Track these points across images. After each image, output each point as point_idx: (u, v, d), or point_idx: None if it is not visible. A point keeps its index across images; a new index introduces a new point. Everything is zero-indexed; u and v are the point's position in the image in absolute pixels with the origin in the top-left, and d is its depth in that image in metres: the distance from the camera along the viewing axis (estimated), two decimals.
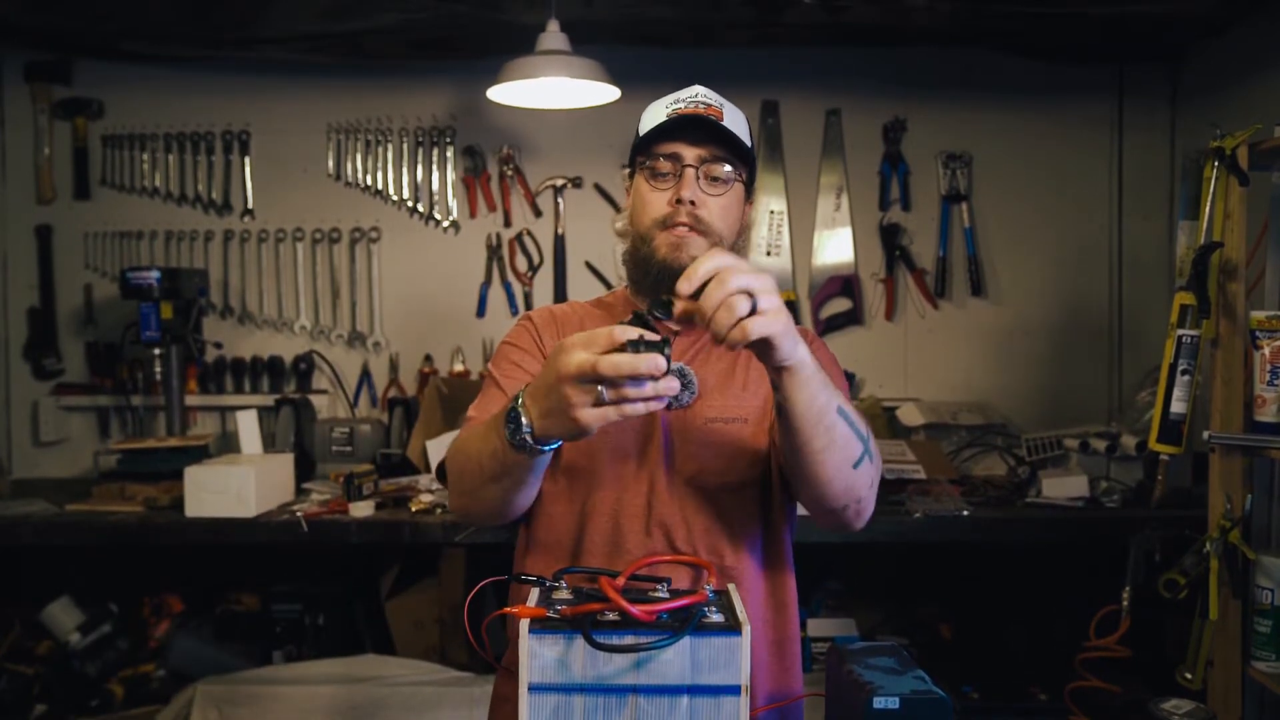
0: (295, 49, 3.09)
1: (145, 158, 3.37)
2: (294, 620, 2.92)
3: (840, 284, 3.35)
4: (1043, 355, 3.34)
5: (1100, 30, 2.99)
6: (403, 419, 3.08)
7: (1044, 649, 2.78)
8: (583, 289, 3.32)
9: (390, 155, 3.36)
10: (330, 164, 3.37)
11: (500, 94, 2.77)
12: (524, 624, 1.06)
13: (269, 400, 3.21)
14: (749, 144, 1.42)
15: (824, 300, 3.35)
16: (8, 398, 3.38)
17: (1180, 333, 1.95)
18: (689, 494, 1.37)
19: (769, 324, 1.06)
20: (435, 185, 3.37)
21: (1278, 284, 2.07)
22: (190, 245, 3.36)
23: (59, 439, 3.36)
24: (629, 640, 1.03)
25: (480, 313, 3.37)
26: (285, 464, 2.76)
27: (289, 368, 3.36)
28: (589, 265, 3.35)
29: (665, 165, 1.39)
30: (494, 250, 3.37)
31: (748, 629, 1.05)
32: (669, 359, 1.01)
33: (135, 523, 2.55)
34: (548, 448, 1.14)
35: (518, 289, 3.37)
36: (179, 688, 2.70)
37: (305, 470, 2.95)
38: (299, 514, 2.52)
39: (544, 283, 3.37)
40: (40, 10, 2.85)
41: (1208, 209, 1.97)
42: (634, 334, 1.01)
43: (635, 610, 1.05)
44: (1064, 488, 2.64)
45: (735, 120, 1.41)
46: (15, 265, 3.39)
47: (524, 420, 1.11)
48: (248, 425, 2.81)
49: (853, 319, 3.35)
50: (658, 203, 1.39)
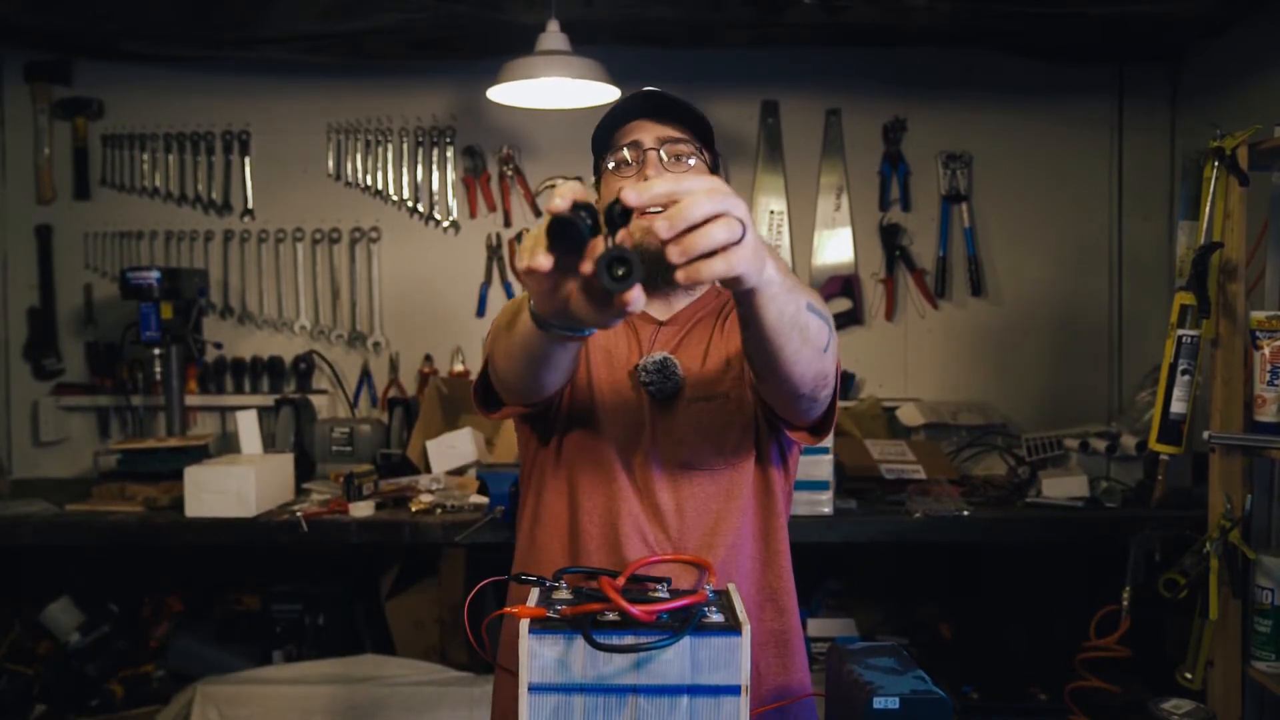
0: (295, 49, 3.09)
1: (145, 158, 3.37)
2: (294, 620, 2.92)
3: (840, 284, 3.35)
4: (1043, 355, 3.34)
5: (1100, 30, 2.99)
6: (403, 419, 3.08)
7: (1044, 649, 2.78)
8: None
9: (390, 155, 3.36)
10: (330, 164, 3.37)
11: (500, 94, 2.77)
12: (524, 624, 1.06)
13: (269, 400, 3.21)
14: (710, 132, 1.41)
15: (824, 300, 3.34)
16: (8, 398, 3.38)
17: (1180, 333, 1.95)
18: (682, 478, 1.38)
19: (748, 259, 0.93)
20: (435, 185, 3.37)
21: (1278, 284, 2.07)
22: (190, 245, 3.36)
23: (59, 439, 3.35)
24: (629, 640, 1.03)
25: (480, 313, 3.36)
26: (285, 464, 2.76)
27: (289, 368, 3.36)
28: None
29: (628, 154, 1.39)
30: (494, 250, 3.37)
31: (748, 629, 1.05)
32: (584, 227, 0.89)
33: (135, 523, 2.54)
34: (546, 324, 1.06)
35: (518, 289, 3.37)
36: (179, 688, 2.70)
37: (305, 470, 2.95)
38: (299, 514, 2.52)
39: None
40: (40, 10, 2.85)
41: (1208, 209, 1.97)
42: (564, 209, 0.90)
43: (635, 610, 1.05)
44: (1064, 488, 2.64)
45: (693, 109, 1.40)
46: (15, 265, 3.39)
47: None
48: (248, 425, 2.81)
49: (853, 319, 3.35)
50: None
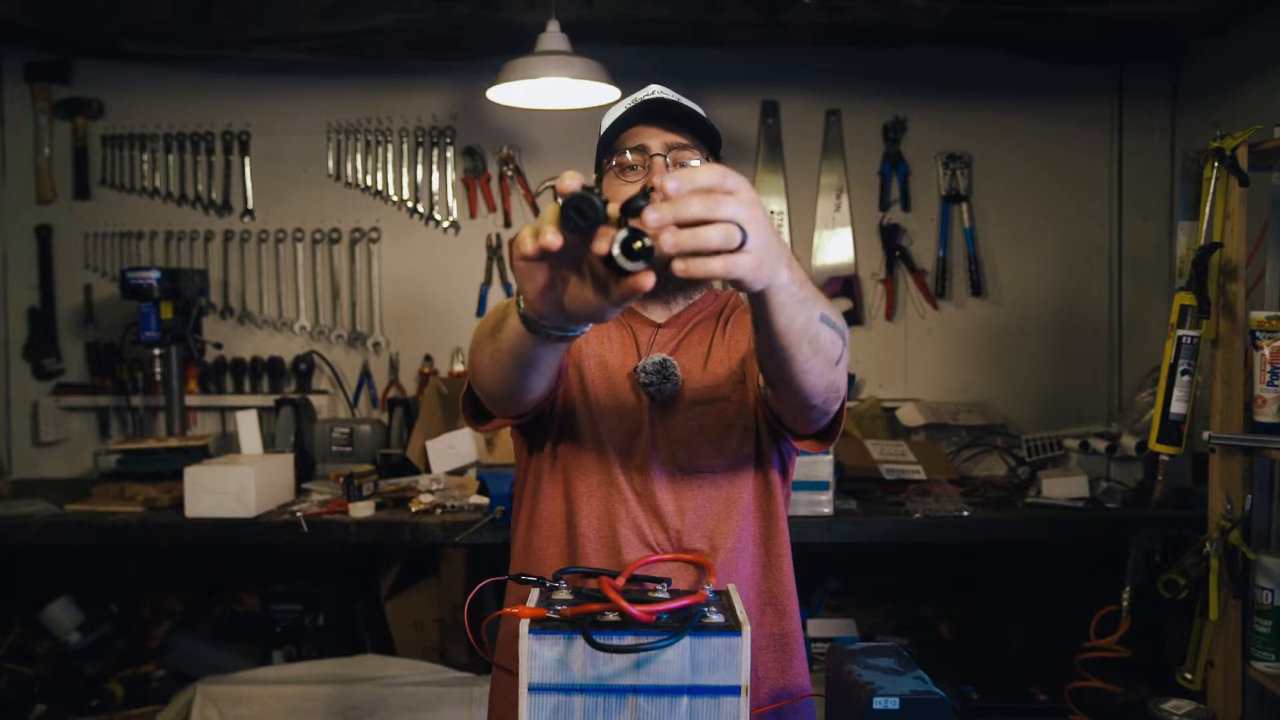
0: (295, 49, 3.09)
1: (145, 158, 3.37)
2: (294, 620, 2.92)
3: (840, 284, 3.35)
4: (1043, 355, 3.34)
5: (1100, 30, 2.99)
6: (403, 419, 3.08)
7: (1044, 649, 2.78)
8: None
9: (390, 155, 3.36)
10: (330, 164, 3.37)
11: (500, 94, 2.77)
12: (524, 624, 1.06)
13: (269, 400, 3.21)
14: (717, 135, 1.41)
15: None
16: (8, 398, 3.38)
17: (1180, 333, 1.95)
18: (681, 481, 1.37)
19: (747, 267, 0.91)
20: (435, 185, 3.37)
21: (1278, 284, 2.07)
22: (190, 245, 3.36)
23: (59, 439, 3.36)
24: (629, 640, 1.03)
25: (480, 313, 3.36)
26: (285, 464, 2.76)
27: (289, 368, 3.36)
28: None
29: (633, 158, 1.37)
30: (494, 250, 3.37)
31: (748, 629, 1.05)
32: (595, 208, 0.88)
33: (135, 523, 2.54)
34: (533, 323, 1.06)
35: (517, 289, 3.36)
36: (179, 688, 2.71)
37: (305, 470, 2.95)
38: (299, 514, 2.52)
39: None
40: (40, 10, 2.85)
41: (1208, 209, 1.97)
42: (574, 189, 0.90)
43: (635, 610, 1.05)
44: (1064, 488, 2.64)
45: (697, 111, 1.40)
46: (15, 265, 3.39)
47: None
48: (248, 425, 2.81)
49: (853, 319, 3.35)
50: (627, 194, 1.36)
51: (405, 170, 3.37)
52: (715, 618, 1.08)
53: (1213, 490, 2.01)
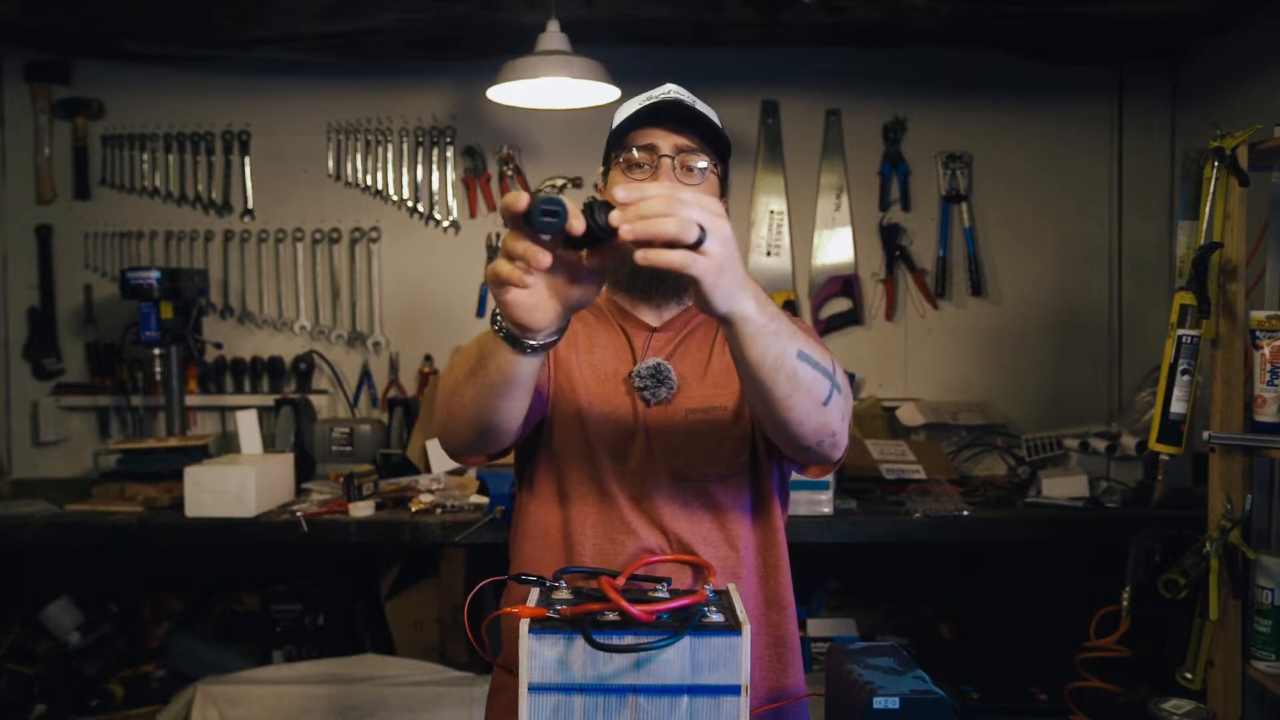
0: (295, 49, 3.09)
1: (145, 158, 3.37)
2: (294, 620, 2.92)
3: (840, 284, 3.35)
4: (1043, 355, 3.34)
5: (1100, 30, 2.99)
6: (403, 419, 3.08)
7: (1044, 649, 2.78)
8: None
9: (390, 155, 3.36)
10: (330, 164, 3.37)
11: (500, 94, 2.77)
12: (524, 624, 1.06)
13: (269, 400, 3.21)
14: (726, 140, 1.41)
15: (824, 300, 3.35)
16: (8, 398, 3.38)
17: (1180, 333, 1.95)
18: (676, 489, 1.37)
19: (704, 268, 0.97)
20: (435, 185, 3.37)
21: (1278, 284, 2.07)
22: (190, 245, 3.36)
23: (59, 439, 3.36)
24: (629, 640, 1.03)
25: (480, 313, 3.36)
26: (285, 464, 2.76)
27: (289, 368, 3.35)
28: None
29: (641, 156, 1.37)
30: (494, 250, 3.37)
31: (748, 629, 1.05)
32: (541, 213, 0.99)
33: (135, 523, 2.54)
34: (517, 342, 1.10)
35: None
36: (179, 688, 2.71)
37: (305, 470, 2.95)
38: (299, 514, 2.52)
39: None
40: (40, 10, 2.85)
41: (1208, 209, 1.97)
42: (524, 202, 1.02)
43: (635, 610, 1.05)
44: (1064, 488, 2.64)
45: (708, 112, 1.41)
46: (15, 265, 3.39)
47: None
48: (248, 425, 2.81)
49: (853, 319, 3.35)
50: None
51: (405, 170, 3.37)
52: (715, 617, 1.08)
53: (1213, 490, 2.01)
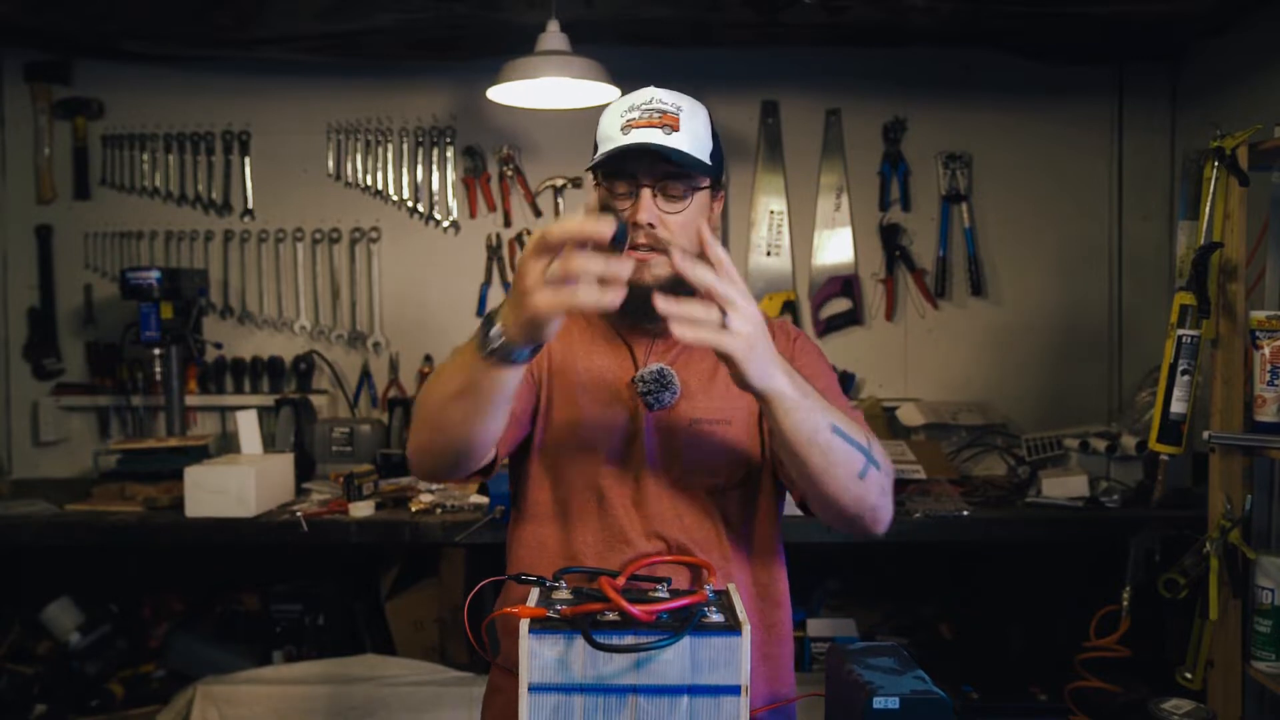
0: (295, 49, 3.09)
1: (145, 158, 3.36)
2: (294, 620, 2.92)
3: (840, 284, 3.35)
4: (1043, 355, 3.34)
5: (1100, 30, 2.99)
6: (403, 419, 3.08)
7: (1044, 649, 2.78)
8: None
9: (390, 155, 3.36)
10: (330, 164, 3.37)
11: (500, 94, 2.77)
12: (524, 624, 1.06)
13: (269, 400, 3.21)
14: (709, 148, 1.38)
15: (824, 300, 3.35)
16: (8, 398, 3.38)
17: (1180, 333, 1.95)
18: (676, 496, 1.37)
19: (731, 343, 1.08)
20: (435, 185, 3.37)
21: (1278, 284, 2.07)
22: (190, 245, 3.36)
23: (59, 439, 3.35)
24: (629, 640, 1.03)
25: (480, 313, 3.36)
26: (285, 464, 2.76)
27: (289, 368, 3.35)
28: None
29: (622, 185, 1.36)
30: (494, 250, 3.37)
31: (748, 629, 1.05)
32: (622, 236, 1.05)
33: (135, 523, 2.54)
34: (516, 355, 1.14)
35: None
36: (179, 688, 2.70)
37: (305, 470, 2.95)
38: (299, 514, 2.52)
39: None
40: (40, 10, 2.85)
41: (1208, 209, 1.97)
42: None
43: (635, 610, 1.05)
44: (1064, 488, 2.64)
45: (694, 123, 1.36)
46: (15, 265, 3.39)
47: (496, 324, 1.13)
48: (248, 425, 2.81)
49: (853, 319, 3.35)
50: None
51: (405, 170, 3.37)
52: (715, 617, 1.08)
53: (1213, 490, 2.01)
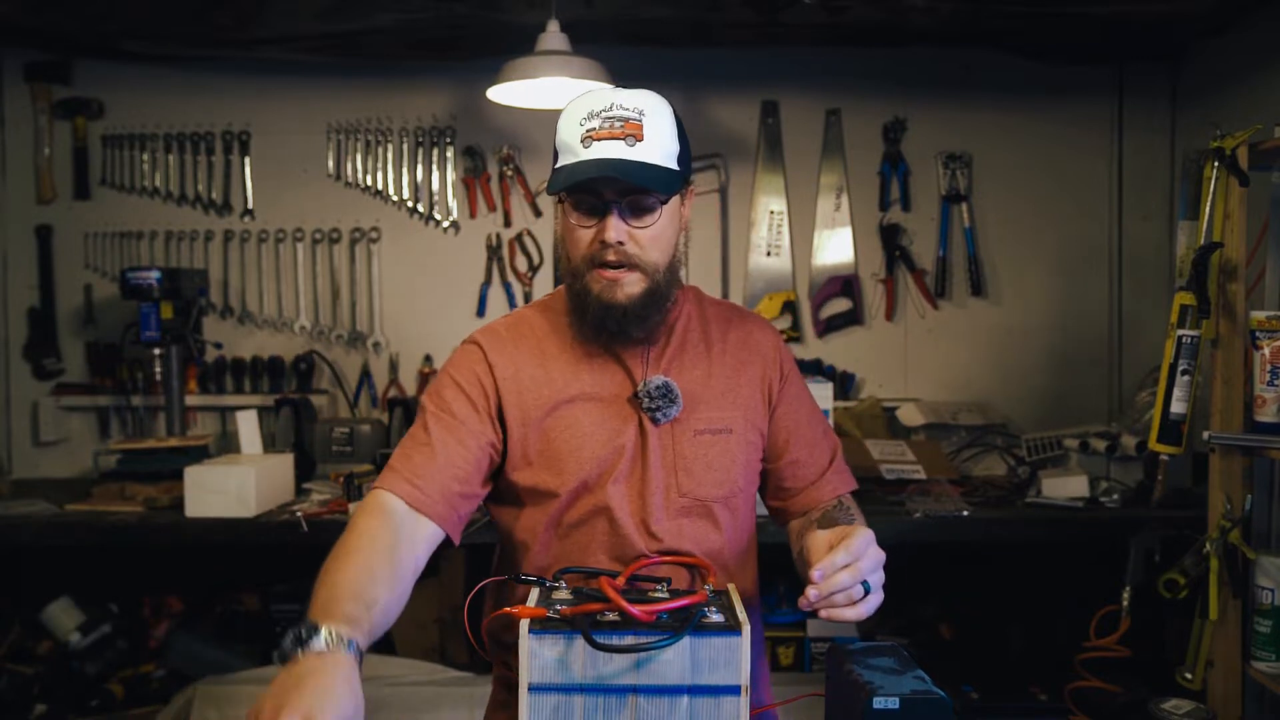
0: (295, 49, 3.09)
1: (145, 158, 3.36)
2: (294, 620, 2.91)
3: (840, 284, 3.35)
4: (1043, 355, 3.34)
5: (1100, 30, 2.99)
6: (403, 419, 3.07)
7: (1044, 649, 2.78)
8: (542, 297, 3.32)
9: (390, 155, 3.36)
10: (330, 164, 3.37)
11: (500, 94, 2.77)
12: (524, 624, 1.06)
13: (269, 400, 3.21)
14: (675, 151, 1.35)
15: (824, 300, 3.35)
16: (8, 398, 3.38)
17: (1180, 333, 1.95)
18: (683, 509, 1.37)
19: (872, 606, 1.16)
20: (435, 185, 3.37)
21: (1278, 284, 2.07)
22: (190, 245, 3.36)
23: (59, 439, 3.35)
24: (629, 640, 1.03)
25: (480, 312, 3.36)
26: (285, 464, 2.76)
27: (289, 368, 3.35)
28: None
29: (587, 200, 1.32)
30: (494, 250, 3.37)
31: (748, 629, 1.05)
32: None
33: (135, 523, 2.54)
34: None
35: (518, 289, 3.37)
36: (179, 688, 2.70)
37: (305, 470, 2.94)
38: (299, 514, 2.52)
39: (544, 283, 3.37)
40: (40, 10, 2.85)
41: (1208, 209, 1.97)
42: None
43: (635, 610, 1.05)
44: (1064, 488, 2.64)
45: (658, 127, 1.32)
46: (15, 265, 3.39)
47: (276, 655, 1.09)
48: (248, 425, 2.81)
49: (853, 319, 3.35)
50: (584, 240, 1.33)
51: (405, 170, 3.37)
52: (715, 617, 1.08)
53: (1213, 490, 2.01)
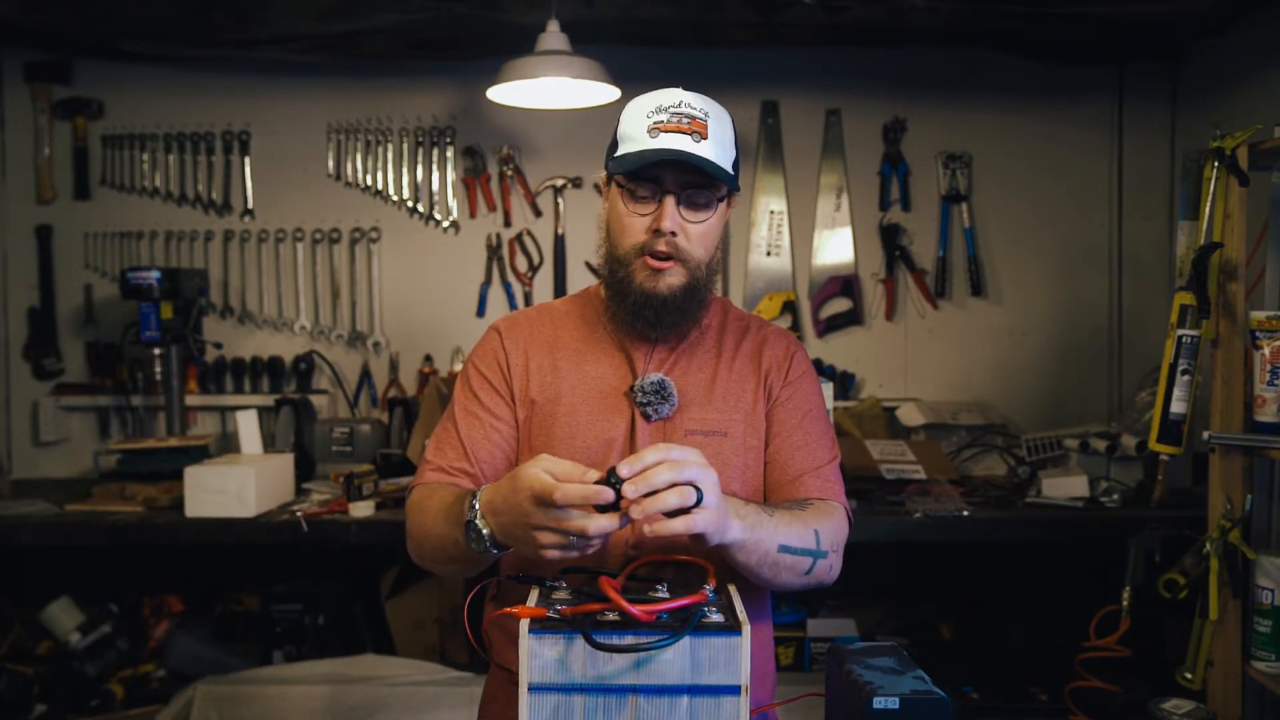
0: (295, 49, 3.09)
1: (145, 158, 3.37)
2: (294, 620, 2.92)
3: (840, 284, 3.35)
4: (1043, 355, 3.34)
5: (1100, 30, 2.99)
6: (403, 419, 3.08)
7: (1044, 649, 2.78)
8: (582, 289, 3.32)
9: (390, 155, 3.36)
10: (330, 164, 3.37)
11: (500, 94, 2.77)
12: (524, 624, 1.06)
13: (269, 400, 3.21)
14: (732, 157, 1.38)
15: (824, 300, 3.35)
16: (8, 398, 3.38)
17: (1180, 333, 1.95)
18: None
19: (707, 520, 1.12)
20: (435, 185, 3.37)
21: (1278, 284, 2.07)
22: (190, 245, 3.36)
23: (59, 439, 3.35)
24: (629, 640, 1.03)
25: (480, 312, 3.37)
26: (285, 464, 2.76)
27: (289, 368, 3.35)
28: (589, 265, 3.35)
29: (644, 190, 1.34)
30: (494, 250, 3.37)
31: (748, 629, 1.05)
32: (617, 502, 1.09)
33: (135, 523, 2.54)
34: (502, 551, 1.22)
35: (518, 289, 3.37)
36: (179, 688, 2.70)
37: (305, 470, 2.95)
38: (299, 514, 2.52)
39: (544, 283, 3.37)
40: (40, 10, 2.85)
41: (1208, 209, 1.97)
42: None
43: (635, 610, 1.05)
44: (1064, 488, 2.64)
45: (720, 130, 1.36)
46: (15, 265, 3.39)
47: (485, 533, 1.18)
48: (248, 425, 2.81)
49: (853, 319, 3.35)
50: (636, 228, 1.36)
51: (405, 170, 3.37)
52: (715, 617, 1.08)
53: (1213, 490, 2.01)
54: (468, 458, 1.41)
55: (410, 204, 3.37)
